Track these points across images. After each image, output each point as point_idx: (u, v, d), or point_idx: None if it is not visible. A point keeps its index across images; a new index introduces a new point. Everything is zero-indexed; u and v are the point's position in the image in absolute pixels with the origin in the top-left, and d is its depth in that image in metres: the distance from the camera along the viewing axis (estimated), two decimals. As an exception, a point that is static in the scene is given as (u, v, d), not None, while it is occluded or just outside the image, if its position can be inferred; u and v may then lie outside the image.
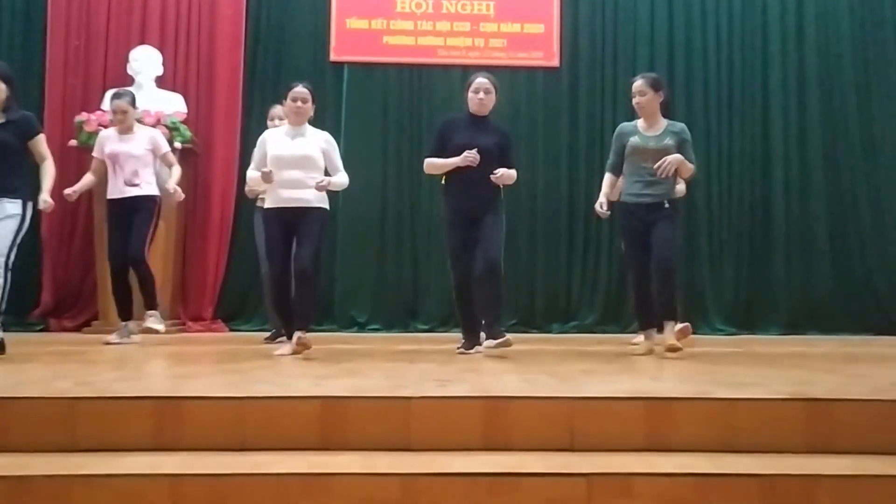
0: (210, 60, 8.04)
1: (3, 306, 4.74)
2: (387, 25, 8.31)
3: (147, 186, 5.98)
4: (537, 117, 8.34)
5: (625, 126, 5.33)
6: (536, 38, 8.36)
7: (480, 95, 5.14)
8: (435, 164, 5.17)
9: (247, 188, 6.03)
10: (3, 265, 4.67)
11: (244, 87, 8.10)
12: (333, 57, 8.26)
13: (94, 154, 6.08)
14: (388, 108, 8.28)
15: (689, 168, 5.15)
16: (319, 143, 5.05)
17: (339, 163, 5.11)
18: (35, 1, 7.96)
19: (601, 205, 5.24)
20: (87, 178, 6.06)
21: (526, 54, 8.33)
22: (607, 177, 5.35)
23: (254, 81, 8.16)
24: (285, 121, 5.28)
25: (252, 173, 5.08)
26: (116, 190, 5.95)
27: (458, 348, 5.12)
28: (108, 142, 6.02)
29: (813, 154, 8.32)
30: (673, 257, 5.15)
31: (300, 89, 5.07)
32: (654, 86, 5.18)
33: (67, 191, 5.83)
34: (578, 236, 8.25)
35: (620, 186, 5.37)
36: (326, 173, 5.03)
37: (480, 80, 5.18)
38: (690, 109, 8.21)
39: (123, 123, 5.99)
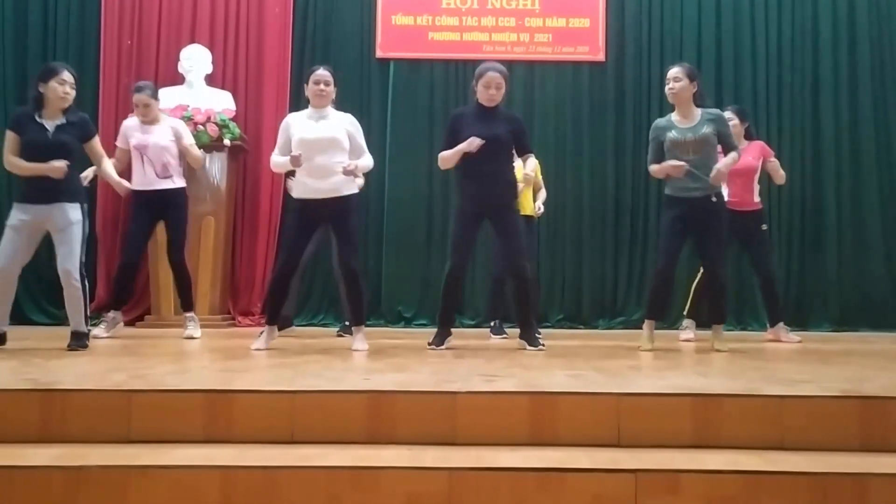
0: (259, 58, 8.13)
1: (88, 310, 4.90)
2: (432, 21, 8.33)
3: (178, 179, 5.98)
4: (583, 112, 8.29)
5: (659, 122, 5.28)
6: (582, 33, 8.31)
7: (492, 91, 5.10)
8: (445, 157, 5.13)
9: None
10: (78, 274, 4.76)
11: (292, 84, 8.17)
12: (379, 53, 8.30)
13: (118, 144, 6.05)
14: (433, 104, 8.30)
15: (732, 162, 5.14)
16: (344, 125, 5.05)
17: (364, 144, 5.12)
18: (89, 2, 8.13)
19: (682, 164, 5.01)
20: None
21: (571, 49, 8.29)
22: (654, 167, 5.26)
23: (301, 78, 8.17)
24: None
25: (278, 158, 5.06)
26: (146, 181, 5.91)
27: (430, 344, 5.13)
28: (133, 132, 5.99)
29: (865, 145, 8.15)
30: (725, 269, 5.19)
31: (322, 72, 5.09)
32: (690, 75, 5.14)
33: (85, 173, 5.63)
34: (625, 231, 8.20)
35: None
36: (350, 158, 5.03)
37: (492, 75, 5.09)
38: (739, 103, 8.09)
39: (146, 116, 5.97)
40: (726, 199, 5.43)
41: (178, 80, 7.69)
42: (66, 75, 4.84)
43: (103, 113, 7.87)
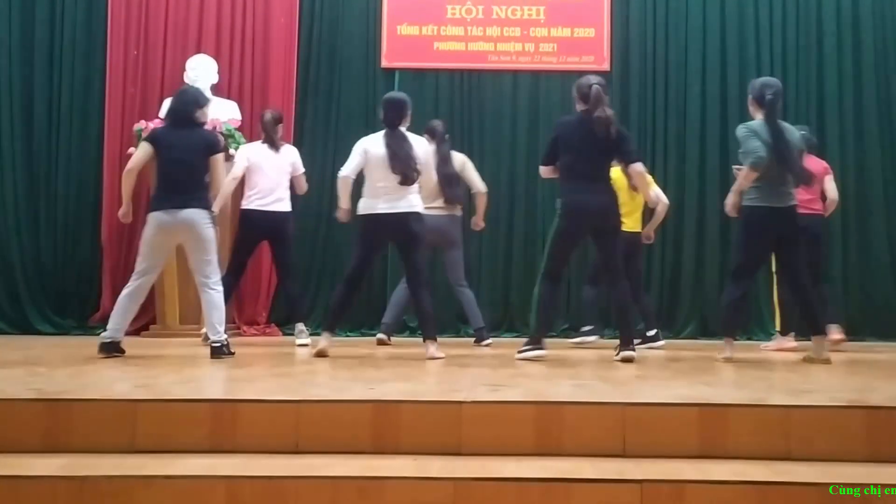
0: (264, 68, 8.15)
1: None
2: (437, 31, 8.35)
3: None
4: (588, 121, 8.29)
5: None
6: (587, 42, 8.32)
7: None
8: None
9: None
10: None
11: (297, 93, 8.20)
12: (385, 63, 8.31)
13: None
14: (439, 114, 8.26)
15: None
16: None
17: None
18: (96, 12, 8.15)
19: None
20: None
21: (577, 58, 8.29)
22: None
23: (307, 88, 8.26)
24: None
25: None
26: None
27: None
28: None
29: (870, 154, 8.14)
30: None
31: None
32: None
33: None
34: (630, 241, 8.18)
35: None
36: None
37: None
38: (744, 113, 8.08)
39: None
40: None
41: (183, 90, 7.71)
42: None
43: (108, 122, 7.90)
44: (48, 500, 2.58)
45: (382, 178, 5.14)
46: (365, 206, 5.21)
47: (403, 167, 5.10)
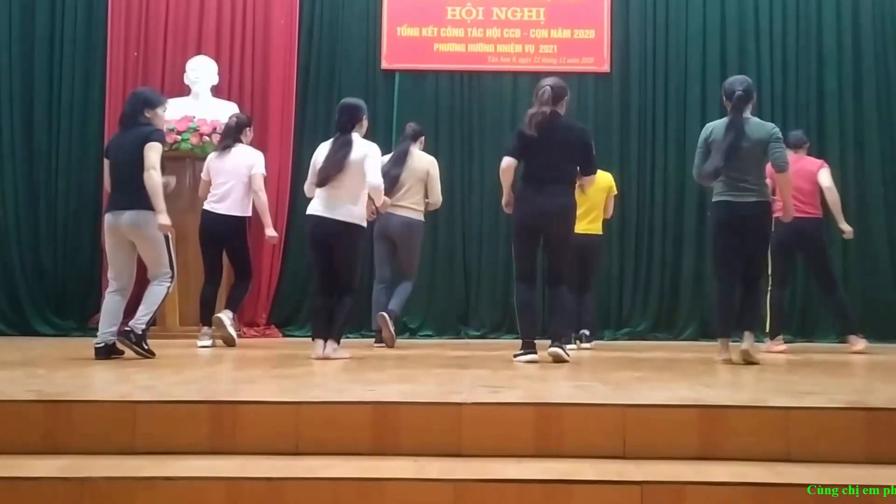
0: (264, 70, 8.16)
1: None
2: (437, 33, 8.35)
3: None
4: (588, 123, 8.27)
5: None
6: (587, 44, 8.33)
7: None
8: None
9: None
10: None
11: (297, 95, 8.20)
12: (385, 65, 8.32)
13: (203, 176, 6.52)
14: (439, 115, 8.32)
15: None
16: None
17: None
18: (96, 13, 8.16)
19: None
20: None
21: (577, 60, 8.30)
22: None
23: (307, 90, 8.27)
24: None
25: None
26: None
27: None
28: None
29: (870, 156, 8.15)
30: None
31: None
32: None
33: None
34: (630, 242, 8.19)
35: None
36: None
37: None
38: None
39: None
40: None
41: (184, 91, 7.71)
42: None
43: (109, 123, 7.89)
44: (48, 502, 2.58)
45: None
46: (310, 207, 5.24)
47: (323, 170, 5.10)
